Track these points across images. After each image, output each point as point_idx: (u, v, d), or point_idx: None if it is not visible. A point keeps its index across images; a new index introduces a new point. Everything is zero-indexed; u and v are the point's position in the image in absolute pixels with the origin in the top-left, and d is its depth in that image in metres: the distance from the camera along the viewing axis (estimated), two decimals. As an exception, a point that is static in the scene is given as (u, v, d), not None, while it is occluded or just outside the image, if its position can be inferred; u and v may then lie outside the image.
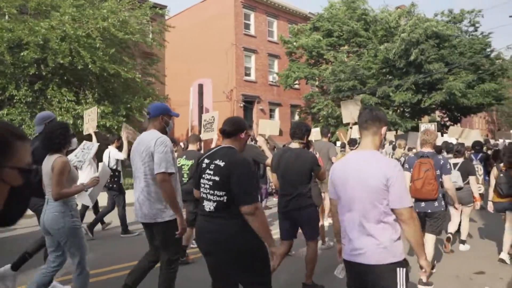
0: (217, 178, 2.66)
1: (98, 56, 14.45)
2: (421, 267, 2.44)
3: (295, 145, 4.35)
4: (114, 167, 6.99)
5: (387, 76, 21.51)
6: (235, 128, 2.83)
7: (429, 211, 4.71)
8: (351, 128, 8.64)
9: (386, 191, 2.26)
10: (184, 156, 5.57)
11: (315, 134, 10.28)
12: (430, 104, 21.21)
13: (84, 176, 6.07)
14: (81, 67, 14.05)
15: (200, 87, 16.84)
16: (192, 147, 5.79)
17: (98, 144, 6.10)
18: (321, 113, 22.30)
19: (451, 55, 21.03)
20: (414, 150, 8.10)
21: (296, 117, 27.29)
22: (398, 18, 21.41)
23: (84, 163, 5.58)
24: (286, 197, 4.24)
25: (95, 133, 7.32)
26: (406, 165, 4.88)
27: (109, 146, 7.25)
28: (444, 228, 5.10)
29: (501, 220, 5.82)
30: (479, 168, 8.06)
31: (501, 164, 5.55)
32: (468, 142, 9.97)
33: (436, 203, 4.67)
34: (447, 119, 26.64)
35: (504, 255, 5.46)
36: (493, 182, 5.63)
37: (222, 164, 2.67)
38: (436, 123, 16.71)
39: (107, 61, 14.79)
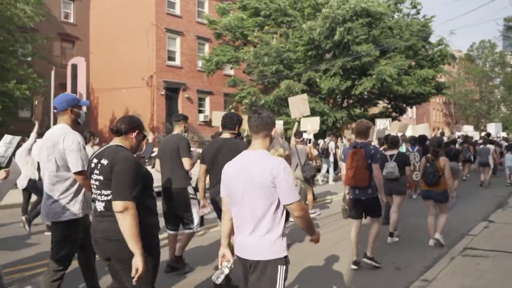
0: (101, 178, 2.68)
1: None
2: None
3: (226, 135, 4.41)
4: None
5: (315, 59, 19.17)
6: (127, 127, 2.80)
7: (363, 198, 4.93)
8: (298, 122, 9.17)
9: (273, 188, 2.35)
10: None
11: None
12: (363, 92, 19.07)
13: (24, 170, 6.20)
14: None
15: (74, 68, 14.03)
16: None
17: (36, 136, 6.62)
18: (244, 102, 19.88)
19: (386, 37, 18.88)
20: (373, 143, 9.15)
21: (230, 107, 24.83)
22: (327, -6, 19.07)
23: (6, 158, 5.59)
24: (214, 186, 4.28)
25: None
26: (342, 156, 5.36)
27: (37, 140, 7.14)
28: (382, 214, 5.33)
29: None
30: (416, 155, 8.78)
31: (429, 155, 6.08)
32: (416, 134, 11.47)
33: (369, 191, 4.90)
34: (391, 110, 24.73)
35: (431, 241, 6.00)
36: (422, 171, 6.18)
37: (105, 162, 2.67)
38: (391, 118, 15.42)
39: None
